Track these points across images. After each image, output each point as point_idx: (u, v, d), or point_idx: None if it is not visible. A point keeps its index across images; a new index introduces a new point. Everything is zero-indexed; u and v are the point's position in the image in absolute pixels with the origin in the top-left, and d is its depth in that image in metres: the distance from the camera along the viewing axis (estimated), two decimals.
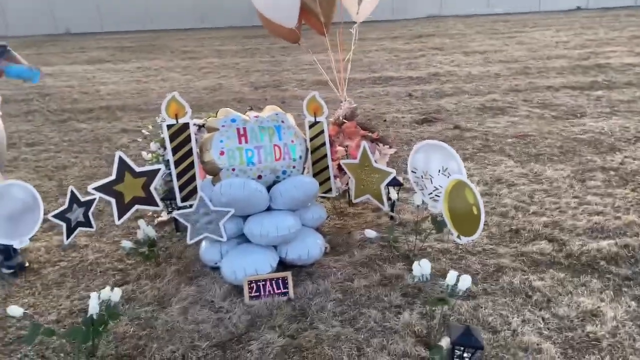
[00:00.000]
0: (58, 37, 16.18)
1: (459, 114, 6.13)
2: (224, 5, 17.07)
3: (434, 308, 2.50)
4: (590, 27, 12.85)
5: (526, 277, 2.88)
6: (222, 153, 3.02)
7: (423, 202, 3.06)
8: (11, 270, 3.12)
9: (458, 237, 2.75)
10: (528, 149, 4.85)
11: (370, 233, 3.05)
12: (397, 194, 3.41)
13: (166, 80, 8.90)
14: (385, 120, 5.92)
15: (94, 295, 2.29)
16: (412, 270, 2.91)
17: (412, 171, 3.16)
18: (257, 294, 2.78)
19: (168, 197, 3.39)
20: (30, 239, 2.77)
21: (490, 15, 16.80)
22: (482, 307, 2.64)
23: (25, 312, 2.31)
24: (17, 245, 2.79)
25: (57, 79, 9.37)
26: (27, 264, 3.20)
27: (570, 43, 10.63)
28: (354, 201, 3.48)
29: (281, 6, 3.41)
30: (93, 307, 2.26)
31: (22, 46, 13.51)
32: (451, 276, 2.27)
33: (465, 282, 2.25)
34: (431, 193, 3.09)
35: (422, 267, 2.34)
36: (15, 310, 2.27)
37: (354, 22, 3.72)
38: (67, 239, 2.99)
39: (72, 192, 2.96)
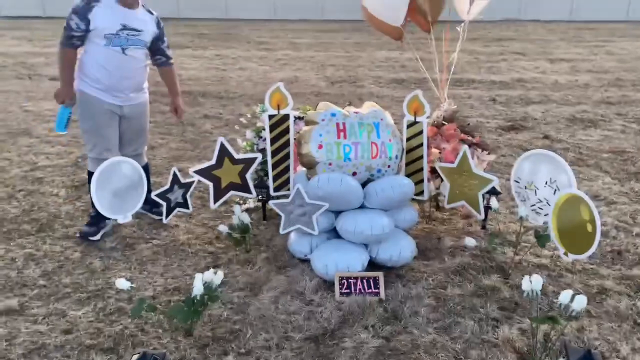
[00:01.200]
0: None
1: (548, 123, 5.87)
2: None
3: (539, 325, 2.39)
4: None
5: (633, 302, 2.71)
6: (320, 146, 3.02)
7: (526, 214, 2.93)
8: (78, 235, 3.34)
9: (565, 254, 2.63)
10: (626, 166, 4.58)
11: (470, 241, 2.96)
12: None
13: (244, 69, 9.06)
14: (468, 124, 5.75)
15: (198, 276, 2.34)
16: (508, 282, 2.85)
17: (515, 180, 3.05)
18: (348, 290, 2.75)
19: (258, 185, 3.43)
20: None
21: (573, 22, 16.06)
22: (586, 330, 2.50)
23: (132, 285, 2.39)
24: (121, 220, 2.91)
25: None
26: (97, 238, 3.31)
27: None
28: (447, 206, 3.40)
29: (390, 4, 3.36)
30: (198, 288, 2.30)
31: None
32: (565, 295, 2.16)
33: (581, 303, 2.13)
34: (534, 205, 2.97)
35: (533, 283, 2.24)
36: (122, 283, 2.35)
37: (461, 21, 3.62)
38: (166, 218, 3.09)
39: (174, 173, 3.05)
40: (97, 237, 3.31)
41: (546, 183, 2.86)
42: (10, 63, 9.43)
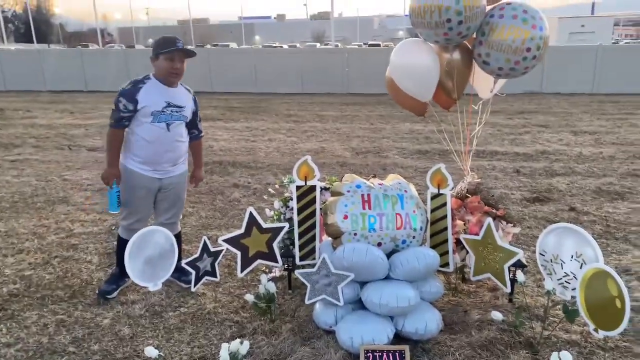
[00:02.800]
0: None
1: (573, 195, 5.85)
2: (323, 73, 17.95)
3: None
4: None
5: None
6: (345, 217, 3.09)
7: (553, 287, 2.90)
8: (96, 293, 3.50)
9: (595, 330, 2.56)
10: None
11: (497, 315, 2.92)
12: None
13: (272, 140, 9.36)
14: (492, 196, 5.77)
15: (224, 346, 2.36)
16: (537, 359, 2.77)
17: (540, 254, 3.04)
18: None
19: (284, 254, 3.48)
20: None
21: (596, 94, 16.24)
22: None
23: (160, 354, 2.41)
24: (151, 288, 2.98)
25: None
26: (114, 295, 3.49)
27: None
28: (473, 279, 3.38)
29: (420, 81, 3.53)
30: (224, 358, 2.32)
31: None
32: None
33: None
34: (560, 279, 2.94)
35: None
36: (151, 351, 2.39)
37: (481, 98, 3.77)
38: (194, 286, 3.15)
39: (204, 242, 3.14)
40: (114, 295, 3.49)
41: (572, 257, 2.84)
42: (53, 134, 9.96)
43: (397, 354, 2.73)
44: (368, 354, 2.73)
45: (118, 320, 3.25)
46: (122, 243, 3.30)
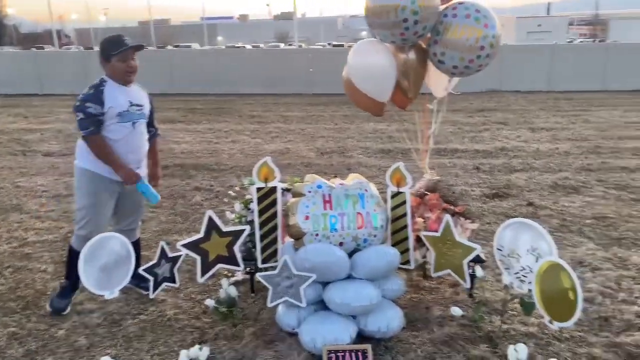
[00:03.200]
0: None
1: (531, 190, 6.01)
2: (287, 74, 17.91)
3: None
4: None
5: None
6: (307, 218, 3.09)
7: (510, 282, 2.96)
8: (50, 310, 3.33)
9: (550, 322, 2.63)
10: (609, 231, 4.66)
11: (457, 311, 2.96)
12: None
13: (236, 142, 9.27)
14: (453, 193, 5.87)
15: (183, 352, 2.32)
16: (497, 352, 2.83)
17: (498, 249, 3.10)
18: None
19: (246, 257, 3.44)
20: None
21: (552, 92, 16.75)
22: None
23: None
24: (107, 296, 2.89)
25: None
26: (67, 311, 3.35)
27: None
28: (434, 275, 3.42)
29: (378, 82, 3.53)
30: None
31: None
32: None
33: None
34: (517, 273, 3.00)
35: (519, 352, 2.24)
36: None
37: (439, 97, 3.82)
38: (153, 293, 3.08)
39: (162, 248, 3.07)
40: (68, 310, 3.36)
41: (528, 251, 2.91)
42: (5, 139, 9.59)
43: (359, 353, 2.74)
44: (331, 355, 2.73)
45: (74, 331, 3.15)
46: (74, 254, 3.15)
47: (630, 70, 17.09)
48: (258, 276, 3.03)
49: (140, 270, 3.00)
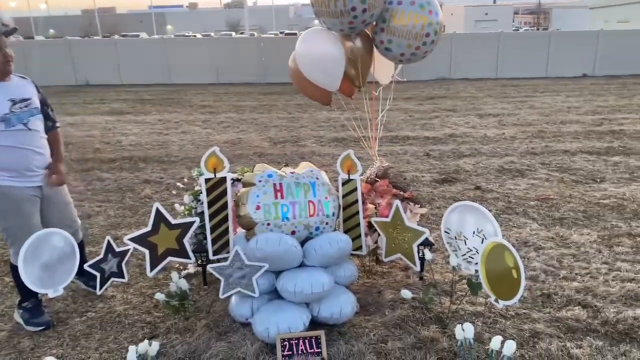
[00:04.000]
0: (78, 88, 16.69)
1: (478, 174, 6.19)
2: (239, 63, 17.68)
3: None
4: (599, 94, 13.16)
5: (563, 344, 2.82)
6: (258, 207, 3.06)
7: (458, 263, 3.04)
8: (39, 328, 3.05)
9: (496, 300, 2.73)
10: (551, 212, 4.86)
11: (407, 293, 3.02)
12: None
13: (186, 133, 9.09)
14: (405, 179, 5.97)
15: (132, 348, 2.26)
16: (446, 332, 2.91)
17: (445, 232, 3.17)
18: (290, 352, 2.72)
19: (197, 249, 3.39)
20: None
21: (499, 79, 17.27)
22: None
23: None
24: (51, 294, 2.79)
25: (78, 128, 9.59)
26: (54, 323, 3.11)
27: (582, 109, 10.86)
28: (385, 260, 3.48)
29: (328, 71, 3.51)
30: None
31: None
32: (495, 341, 2.24)
33: (510, 348, 2.22)
34: (465, 254, 3.09)
35: (465, 331, 2.31)
36: None
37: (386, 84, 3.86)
38: (100, 290, 2.99)
39: (108, 242, 2.98)
40: (52, 320, 3.10)
41: (474, 233, 2.99)
42: None
43: (313, 339, 2.76)
44: (284, 343, 2.74)
45: (17, 332, 3.03)
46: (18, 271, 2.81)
47: (571, 57, 17.84)
48: (209, 268, 2.99)
49: (86, 267, 2.91)
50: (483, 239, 2.94)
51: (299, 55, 3.62)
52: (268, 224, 3.06)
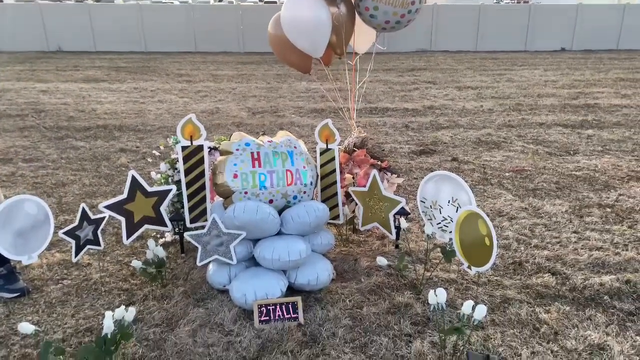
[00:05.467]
0: (50, 54, 16.18)
1: (456, 146, 6.25)
2: (217, 30, 17.32)
3: (446, 337, 2.52)
4: (576, 68, 13.30)
5: (532, 309, 2.92)
6: (235, 176, 3.05)
7: (433, 232, 3.10)
8: (14, 295, 3.03)
9: (469, 267, 2.80)
10: (525, 183, 4.96)
11: (382, 261, 3.07)
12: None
13: (163, 101, 8.94)
14: (383, 150, 6.01)
15: (108, 314, 2.26)
16: (420, 298, 2.98)
17: (421, 201, 3.22)
18: (267, 318, 2.77)
19: (175, 218, 3.38)
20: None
21: (479, 52, 17.29)
22: (491, 338, 2.66)
23: (37, 329, 2.27)
24: (25, 261, 2.76)
25: (52, 96, 9.34)
26: (30, 290, 3.10)
27: (559, 82, 10.97)
28: (361, 229, 3.52)
29: (313, 36, 3.45)
30: (108, 326, 2.22)
31: (14, 62, 13.49)
32: (467, 306, 2.30)
33: (481, 312, 2.28)
34: (440, 223, 3.14)
35: (438, 296, 2.37)
36: (26, 327, 2.23)
37: (371, 53, 3.84)
38: (75, 257, 2.97)
39: (83, 209, 2.95)
40: (22, 284, 3.08)
41: (449, 202, 3.04)
42: None
43: (289, 305, 2.80)
44: (261, 308, 2.77)
45: None
46: None
47: (550, 31, 17.92)
48: (186, 236, 2.99)
49: (61, 234, 2.88)
50: (457, 207, 2.99)
51: (284, 19, 3.53)
52: (245, 193, 3.06)
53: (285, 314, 2.78)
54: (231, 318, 2.80)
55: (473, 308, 2.30)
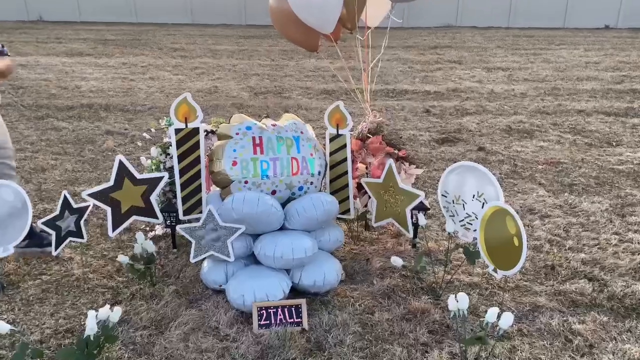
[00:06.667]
0: (30, 24, 16.24)
1: (483, 135, 6.23)
2: (216, 1, 17.29)
3: (468, 348, 2.52)
4: (622, 48, 13.14)
5: (565, 318, 2.92)
6: (234, 163, 3.06)
7: (455, 230, 3.10)
8: None
9: (494, 270, 2.79)
10: (560, 177, 4.93)
11: (397, 261, 3.07)
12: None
13: (155, 79, 8.96)
14: (400, 137, 6.00)
15: (91, 313, 2.29)
16: (439, 303, 2.99)
17: (442, 195, 3.21)
18: (267, 322, 2.78)
19: (166, 209, 3.40)
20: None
21: (511, 28, 17.13)
22: (518, 350, 2.67)
23: (12, 328, 2.30)
24: (0, 253, 2.80)
25: (31, 70, 9.39)
26: (4, 285, 3.14)
27: (601, 64, 10.86)
28: (374, 225, 3.52)
29: (324, 9, 3.42)
30: (91, 327, 2.25)
31: None
32: (491, 313, 2.30)
33: (507, 320, 2.28)
34: (463, 220, 3.14)
35: (460, 302, 2.37)
36: (1, 326, 2.26)
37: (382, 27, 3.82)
38: (55, 250, 3.00)
39: (65, 197, 2.98)
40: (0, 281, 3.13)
41: (474, 196, 3.04)
42: None
43: (292, 309, 2.82)
44: (261, 311, 2.79)
45: None
46: None
47: (593, 6, 17.68)
48: (179, 229, 3.00)
49: (39, 223, 2.91)
50: (483, 203, 2.98)
51: None
52: (246, 182, 3.07)
53: (287, 318, 2.80)
54: (227, 321, 2.82)
55: (498, 316, 2.29)
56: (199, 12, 17.39)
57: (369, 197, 3.53)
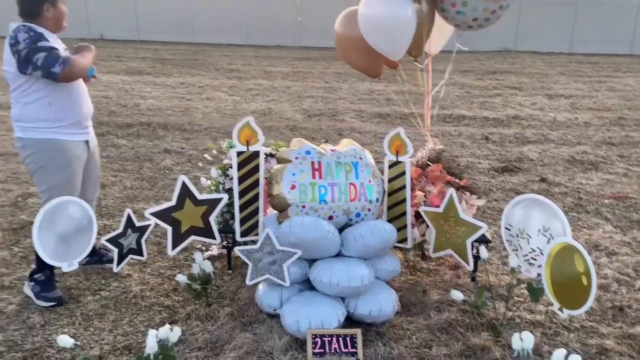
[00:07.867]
0: (91, 42, 16.96)
1: (545, 165, 6.10)
2: (272, 22, 17.66)
3: None
4: None
5: None
6: (293, 187, 3.11)
7: (518, 265, 3.04)
8: (50, 304, 3.20)
9: (560, 309, 2.72)
10: (629, 213, 4.77)
11: (457, 295, 3.03)
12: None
13: (211, 99, 9.21)
14: (458, 165, 5.95)
15: (152, 332, 2.36)
16: (499, 341, 2.92)
17: (506, 228, 3.17)
18: (322, 350, 2.79)
19: (224, 230, 3.48)
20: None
21: (574, 54, 16.79)
22: None
23: (76, 343, 2.39)
24: (65, 268, 2.92)
25: (92, 87, 9.77)
26: (66, 299, 3.27)
27: None
28: (432, 255, 3.49)
29: (396, 36, 3.43)
30: (151, 346, 2.32)
31: None
32: (558, 355, 2.24)
33: None
34: (526, 255, 3.08)
35: (524, 341, 2.32)
36: (65, 340, 2.35)
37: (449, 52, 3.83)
38: (117, 266, 3.11)
39: (128, 215, 3.09)
40: (64, 297, 3.26)
41: (539, 231, 2.98)
42: None
43: (347, 338, 2.82)
44: (316, 339, 2.80)
45: (26, 307, 3.18)
46: None
47: None
48: (236, 250, 3.07)
49: (103, 240, 3.03)
50: (550, 238, 2.92)
51: (363, 17, 3.51)
52: (303, 206, 3.11)
53: (342, 347, 2.79)
54: (282, 347, 2.84)
55: (566, 358, 2.24)
56: (254, 32, 17.80)
57: (427, 226, 3.52)
